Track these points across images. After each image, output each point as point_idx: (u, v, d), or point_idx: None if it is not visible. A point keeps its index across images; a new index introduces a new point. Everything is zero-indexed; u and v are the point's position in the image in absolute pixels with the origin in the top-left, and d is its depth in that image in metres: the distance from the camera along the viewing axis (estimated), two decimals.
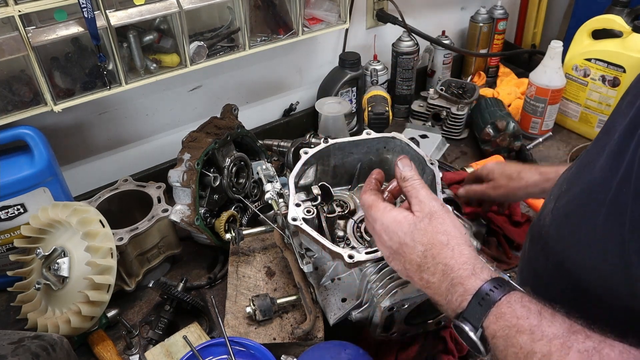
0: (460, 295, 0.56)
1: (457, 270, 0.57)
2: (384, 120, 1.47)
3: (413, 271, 0.62)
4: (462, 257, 0.58)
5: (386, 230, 0.65)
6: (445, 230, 0.61)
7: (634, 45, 1.43)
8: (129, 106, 1.34)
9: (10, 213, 1.08)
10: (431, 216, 0.62)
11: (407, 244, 0.62)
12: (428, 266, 0.60)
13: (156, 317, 1.07)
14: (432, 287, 0.60)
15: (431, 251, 0.60)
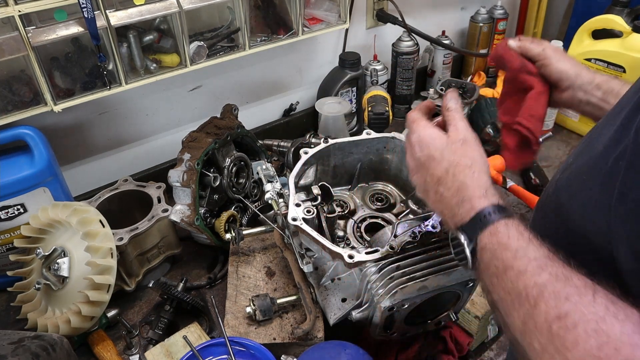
0: (466, 210, 0.61)
1: (471, 190, 0.62)
2: (384, 120, 1.47)
3: (432, 184, 0.67)
4: (479, 181, 0.63)
5: (420, 143, 0.71)
6: (472, 157, 0.66)
7: (634, 45, 1.43)
8: (129, 106, 1.34)
9: (10, 213, 1.07)
10: (463, 142, 0.68)
11: (435, 158, 0.68)
12: (447, 181, 0.65)
13: (156, 317, 1.07)
14: (443, 200, 0.65)
15: (454, 169, 0.65)
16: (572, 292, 0.49)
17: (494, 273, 0.56)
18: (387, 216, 1.04)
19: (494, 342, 1.06)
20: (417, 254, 0.84)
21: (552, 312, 0.49)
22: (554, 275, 0.51)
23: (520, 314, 0.52)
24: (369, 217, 1.03)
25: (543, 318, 0.49)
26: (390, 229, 0.90)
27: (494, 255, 0.56)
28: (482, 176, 0.64)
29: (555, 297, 0.49)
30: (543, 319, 0.49)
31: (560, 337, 0.47)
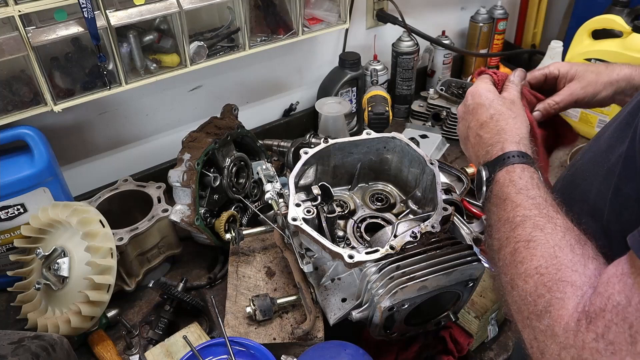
0: (497, 151, 0.68)
1: (508, 135, 0.69)
2: (384, 120, 1.46)
3: (474, 128, 0.74)
4: (518, 131, 0.70)
5: (474, 94, 0.78)
6: (517, 112, 0.73)
7: (634, 45, 1.43)
8: (129, 106, 1.34)
9: (10, 213, 1.08)
10: (512, 103, 0.75)
11: (484, 105, 0.75)
12: (489, 126, 0.72)
13: (156, 317, 1.08)
14: (481, 142, 0.72)
15: (498, 116, 0.72)
16: (549, 227, 0.55)
17: (496, 202, 0.64)
18: (387, 216, 1.04)
19: (494, 342, 1.06)
20: (417, 254, 0.84)
21: (523, 236, 0.56)
22: (542, 213, 0.57)
23: (501, 234, 0.60)
24: (369, 217, 1.03)
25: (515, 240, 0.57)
26: (390, 229, 0.90)
27: (501, 188, 0.63)
28: (522, 128, 0.70)
29: (533, 226, 0.56)
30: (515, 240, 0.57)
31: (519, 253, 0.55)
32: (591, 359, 0.45)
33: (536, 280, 0.53)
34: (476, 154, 0.73)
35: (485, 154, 0.70)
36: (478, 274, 0.86)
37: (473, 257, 0.85)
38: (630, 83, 0.84)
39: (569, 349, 0.47)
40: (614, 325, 0.44)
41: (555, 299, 0.50)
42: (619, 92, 0.85)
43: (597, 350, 0.45)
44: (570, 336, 0.47)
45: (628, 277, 0.44)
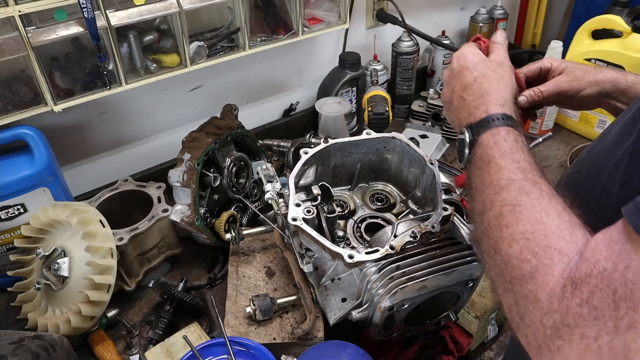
0: (480, 113, 0.67)
1: (492, 97, 0.68)
2: (384, 120, 1.46)
3: (458, 91, 0.73)
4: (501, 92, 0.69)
5: (459, 57, 0.77)
6: (502, 74, 0.73)
7: (634, 45, 1.43)
8: (129, 106, 1.34)
9: (10, 213, 1.08)
10: (499, 63, 0.75)
11: (468, 69, 0.74)
12: (473, 88, 0.71)
13: (156, 317, 1.08)
14: (464, 105, 0.71)
15: (482, 79, 0.72)
16: (535, 192, 0.55)
17: (479, 165, 0.63)
18: (387, 216, 1.04)
19: (493, 342, 1.06)
20: (417, 254, 0.84)
21: (509, 200, 0.56)
22: (527, 177, 0.57)
23: (484, 197, 0.59)
24: (369, 217, 1.03)
25: (500, 203, 0.56)
26: (390, 229, 0.90)
27: (485, 150, 0.62)
28: (506, 91, 0.70)
29: (519, 190, 0.56)
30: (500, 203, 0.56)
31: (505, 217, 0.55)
32: (574, 323, 0.45)
33: (522, 245, 0.52)
34: (459, 117, 0.72)
35: (468, 116, 0.69)
36: (478, 274, 0.86)
37: (473, 257, 0.85)
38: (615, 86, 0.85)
39: (552, 314, 0.47)
40: (598, 290, 0.44)
41: (541, 264, 0.50)
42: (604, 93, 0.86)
43: (580, 315, 0.45)
44: (554, 302, 0.47)
45: (616, 244, 0.44)
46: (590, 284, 0.45)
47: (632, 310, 0.41)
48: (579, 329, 0.45)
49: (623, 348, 0.42)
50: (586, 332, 0.44)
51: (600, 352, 0.43)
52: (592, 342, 0.43)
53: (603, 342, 0.43)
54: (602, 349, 0.43)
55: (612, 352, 0.42)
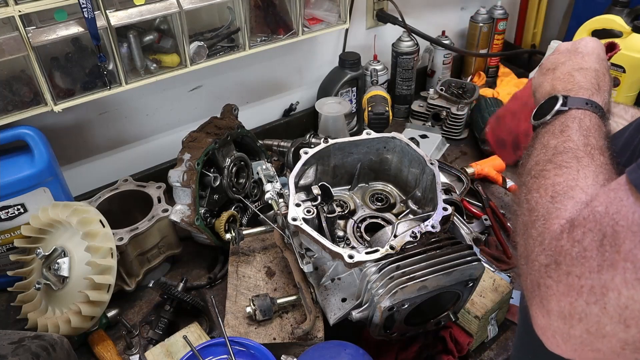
0: (583, 93, 0.68)
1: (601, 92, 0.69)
2: (384, 120, 1.46)
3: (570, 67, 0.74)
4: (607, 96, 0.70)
5: (594, 44, 0.78)
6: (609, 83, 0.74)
7: (634, 45, 1.43)
8: (129, 106, 1.34)
9: (10, 213, 1.08)
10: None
11: (597, 59, 0.75)
12: (589, 75, 0.71)
13: (156, 317, 1.08)
14: (570, 80, 0.71)
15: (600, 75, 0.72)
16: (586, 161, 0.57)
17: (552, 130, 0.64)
18: (387, 216, 1.04)
19: (494, 342, 1.06)
20: (417, 254, 0.84)
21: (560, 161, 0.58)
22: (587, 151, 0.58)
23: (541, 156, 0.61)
24: (369, 217, 1.03)
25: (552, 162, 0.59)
26: (390, 229, 0.90)
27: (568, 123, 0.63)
28: (608, 96, 0.71)
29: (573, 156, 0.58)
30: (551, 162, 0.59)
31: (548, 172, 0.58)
32: (563, 262, 0.48)
33: (545, 193, 0.56)
34: (554, 85, 0.72)
35: (568, 90, 0.70)
36: (478, 274, 0.86)
37: (473, 257, 0.85)
38: None
39: (547, 252, 0.50)
40: (589, 232, 0.46)
41: (554, 209, 0.53)
42: None
43: (570, 254, 0.47)
44: (553, 242, 0.50)
45: (612, 192, 0.46)
46: (585, 227, 0.47)
47: (615, 252, 0.43)
48: (566, 267, 0.47)
49: (601, 287, 0.44)
50: (572, 270, 0.47)
51: (581, 290, 0.45)
52: (576, 280, 0.46)
53: (585, 282, 0.45)
54: (584, 287, 0.45)
55: (592, 291, 0.45)
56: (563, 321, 0.47)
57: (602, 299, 0.44)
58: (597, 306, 0.44)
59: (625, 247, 0.43)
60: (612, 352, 0.45)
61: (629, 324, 0.43)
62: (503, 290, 1.02)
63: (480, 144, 1.59)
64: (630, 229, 0.43)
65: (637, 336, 0.43)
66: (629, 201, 0.44)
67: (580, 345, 0.47)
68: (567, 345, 0.48)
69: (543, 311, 0.49)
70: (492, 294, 1.01)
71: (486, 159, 1.51)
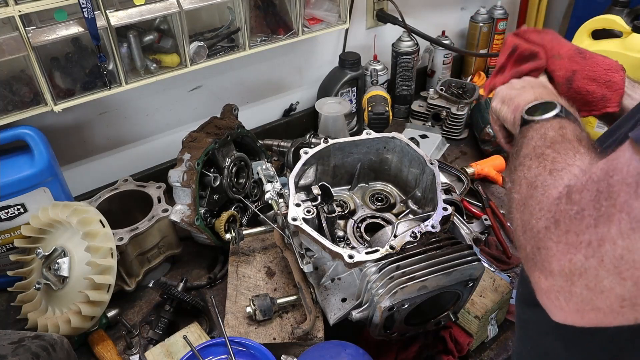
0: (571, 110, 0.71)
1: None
2: (384, 120, 1.47)
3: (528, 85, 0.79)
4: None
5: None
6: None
7: (634, 45, 1.43)
8: (129, 106, 1.34)
9: (10, 213, 1.08)
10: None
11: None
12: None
13: (156, 317, 1.08)
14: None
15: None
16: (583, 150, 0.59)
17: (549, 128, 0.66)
18: (387, 216, 1.04)
19: (494, 342, 1.06)
20: (417, 254, 0.84)
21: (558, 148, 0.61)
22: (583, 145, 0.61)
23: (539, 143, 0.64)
24: (369, 217, 1.03)
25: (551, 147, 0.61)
26: (390, 229, 0.90)
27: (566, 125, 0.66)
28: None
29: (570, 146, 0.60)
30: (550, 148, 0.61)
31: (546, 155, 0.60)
32: (562, 222, 0.49)
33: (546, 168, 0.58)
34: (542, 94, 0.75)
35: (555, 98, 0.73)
36: (478, 274, 0.86)
37: (473, 257, 0.85)
38: None
39: (546, 213, 0.52)
40: (587, 192, 0.47)
41: (551, 179, 0.56)
42: None
43: (567, 214, 0.49)
44: (552, 207, 0.52)
45: (613, 159, 0.47)
46: (582, 190, 0.48)
47: (610, 205, 0.44)
48: (565, 226, 0.48)
49: (598, 240, 0.45)
50: (571, 227, 0.48)
51: (580, 246, 0.46)
52: (574, 237, 0.47)
53: (583, 238, 0.46)
54: (582, 243, 0.46)
55: (590, 245, 0.45)
56: (564, 279, 0.48)
57: (599, 250, 0.44)
58: (595, 259, 0.45)
59: (620, 199, 0.43)
60: (612, 310, 0.46)
61: (624, 276, 0.43)
62: (503, 290, 1.02)
63: (480, 144, 1.59)
64: (624, 182, 0.44)
65: (633, 290, 0.43)
66: (624, 157, 0.45)
67: (581, 303, 0.47)
68: (570, 305, 0.48)
69: (545, 272, 0.50)
70: (492, 294, 1.01)
71: (486, 159, 1.51)
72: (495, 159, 1.50)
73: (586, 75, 0.82)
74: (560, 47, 0.85)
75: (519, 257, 1.19)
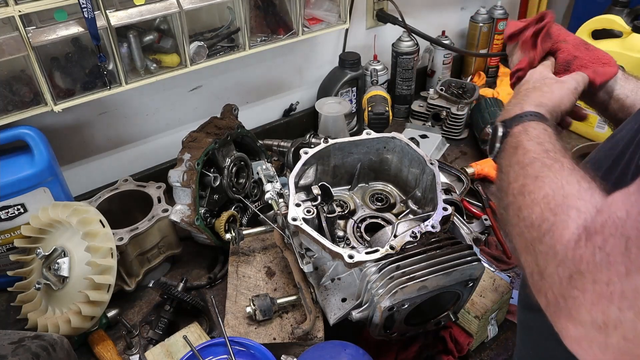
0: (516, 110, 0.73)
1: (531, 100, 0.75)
2: (384, 120, 1.47)
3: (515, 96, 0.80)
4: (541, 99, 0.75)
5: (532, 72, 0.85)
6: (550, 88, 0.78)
7: (634, 45, 1.43)
8: (129, 106, 1.34)
9: (10, 213, 1.08)
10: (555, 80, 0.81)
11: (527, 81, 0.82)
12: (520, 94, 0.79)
13: (156, 317, 1.08)
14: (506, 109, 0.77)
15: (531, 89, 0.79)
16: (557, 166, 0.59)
17: (508, 151, 0.68)
18: (387, 216, 1.04)
19: (494, 342, 1.06)
20: (417, 254, 0.84)
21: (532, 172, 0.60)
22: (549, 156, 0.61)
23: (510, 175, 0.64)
24: (369, 217, 1.03)
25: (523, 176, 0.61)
26: (390, 229, 0.90)
27: (515, 138, 0.68)
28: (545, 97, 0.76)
29: (542, 165, 0.60)
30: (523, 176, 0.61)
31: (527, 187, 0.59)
32: (587, 270, 0.46)
33: (542, 207, 0.55)
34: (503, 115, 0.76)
35: (504, 115, 0.75)
36: (478, 274, 0.86)
37: (473, 257, 0.85)
38: None
39: (567, 262, 0.48)
40: (611, 237, 0.45)
41: (559, 221, 0.52)
42: None
43: (592, 261, 0.46)
44: (569, 252, 0.48)
45: (632, 195, 0.45)
46: (604, 233, 0.46)
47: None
48: (591, 275, 0.45)
49: (634, 290, 0.42)
50: (598, 277, 0.45)
51: (612, 297, 0.43)
52: (605, 287, 0.44)
53: (615, 287, 0.43)
54: (614, 294, 0.43)
55: (623, 296, 0.43)
56: (598, 331, 0.45)
57: (636, 302, 0.42)
58: (631, 311, 0.43)
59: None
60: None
61: None
62: (503, 290, 1.02)
63: (480, 144, 1.59)
64: None
65: None
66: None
67: (619, 353, 0.45)
68: (606, 355, 0.46)
69: (574, 322, 0.47)
70: (492, 294, 1.01)
71: (486, 159, 1.51)
72: None
73: (584, 63, 0.86)
74: (567, 35, 0.90)
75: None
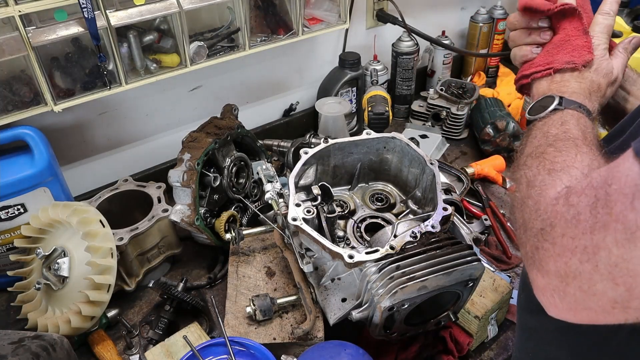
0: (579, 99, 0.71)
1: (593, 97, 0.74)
2: (384, 120, 1.47)
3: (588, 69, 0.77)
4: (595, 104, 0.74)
5: None
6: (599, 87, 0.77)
7: None
8: (129, 106, 1.34)
9: (10, 213, 1.08)
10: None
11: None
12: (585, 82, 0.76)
13: (156, 317, 1.08)
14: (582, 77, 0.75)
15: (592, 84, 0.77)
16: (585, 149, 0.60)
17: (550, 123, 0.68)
18: (387, 216, 1.04)
19: (494, 342, 1.06)
20: (417, 254, 0.84)
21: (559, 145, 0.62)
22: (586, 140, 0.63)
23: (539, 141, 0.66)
24: (369, 217, 1.03)
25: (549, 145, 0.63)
26: (390, 229, 0.90)
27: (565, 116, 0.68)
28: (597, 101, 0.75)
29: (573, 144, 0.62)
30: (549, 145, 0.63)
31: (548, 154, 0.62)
32: (558, 225, 0.50)
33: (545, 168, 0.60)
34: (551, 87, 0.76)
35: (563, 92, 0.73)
36: (478, 274, 0.86)
37: (473, 257, 0.85)
38: None
39: (544, 216, 0.53)
40: (584, 196, 0.49)
41: (550, 179, 0.57)
42: None
43: (563, 216, 0.50)
44: (548, 207, 0.53)
45: (613, 168, 0.48)
46: (581, 194, 0.49)
47: (606, 214, 0.45)
48: (561, 229, 0.50)
49: (594, 247, 0.46)
50: (567, 231, 0.49)
51: (575, 250, 0.48)
52: (570, 241, 0.49)
53: (579, 242, 0.47)
54: (578, 247, 0.48)
55: (585, 250, 0.47)
56: (559, 279, 0.50)
57: (594, 257, 0.46)
58: (589, 264, 0.47)
59: (616, 208, 0.45)
60: (603, 310, 0.48)
61: (617, 282, 0.45)
62: (503, 290, 1.02)
63: (480, 144, 1.59)
64: (621, 192, 0.45)
65: (625, 295, 0.45)
66: (624, 166, 0.46)
67: (574, 303, 0.50)
68: (564, 303, 0.51)
69: (542, 272, 0.52)
70: (492, 294, 1.01)
71: (486, 159, 1.51)
72: (495, 159, 1.50)
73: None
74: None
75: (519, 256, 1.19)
